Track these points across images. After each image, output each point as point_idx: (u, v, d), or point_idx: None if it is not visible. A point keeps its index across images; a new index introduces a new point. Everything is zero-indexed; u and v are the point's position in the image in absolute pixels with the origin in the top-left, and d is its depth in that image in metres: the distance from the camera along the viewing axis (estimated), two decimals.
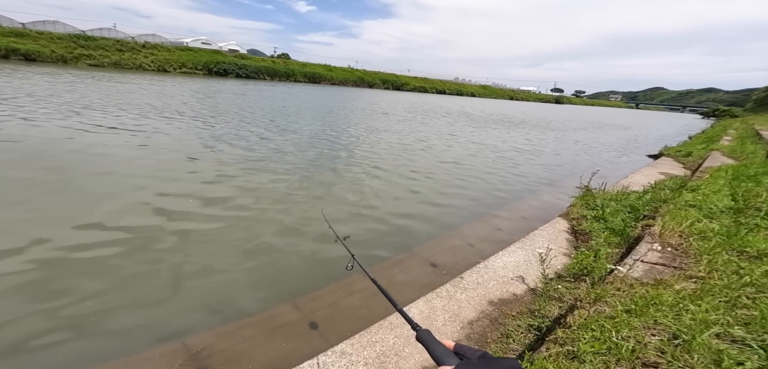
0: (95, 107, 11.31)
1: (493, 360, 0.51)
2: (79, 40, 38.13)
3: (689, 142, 14.94)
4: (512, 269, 3.08)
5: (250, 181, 5.83)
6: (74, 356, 2.28)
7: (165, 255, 3.45)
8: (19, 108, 9.80)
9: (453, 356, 0.57)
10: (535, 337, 2.15)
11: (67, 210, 4.17)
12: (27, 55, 31.99)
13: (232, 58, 48.60)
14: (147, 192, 4.92)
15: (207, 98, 18.17)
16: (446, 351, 0.58)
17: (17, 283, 2.84)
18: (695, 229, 2.90)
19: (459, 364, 0.54)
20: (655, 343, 1.52)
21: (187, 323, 2.63)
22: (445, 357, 0.57)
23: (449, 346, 0.59)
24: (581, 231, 3.94)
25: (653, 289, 1.98)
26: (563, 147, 13.95)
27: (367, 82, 62.03)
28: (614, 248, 3.37)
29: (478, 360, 0.53)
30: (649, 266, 2.40)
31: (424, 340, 0.63)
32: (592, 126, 26.19)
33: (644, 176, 7.04)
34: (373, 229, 4.56)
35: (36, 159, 5.82)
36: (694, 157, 9.54)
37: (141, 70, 37.38)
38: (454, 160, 9.26)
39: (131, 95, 15.51)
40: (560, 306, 2.40)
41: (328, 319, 2.78)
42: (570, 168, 9.77)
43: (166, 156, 6.82)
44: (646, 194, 5.02)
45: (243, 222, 4.33)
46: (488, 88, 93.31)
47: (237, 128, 10.55)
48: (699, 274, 2.15)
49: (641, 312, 1.73)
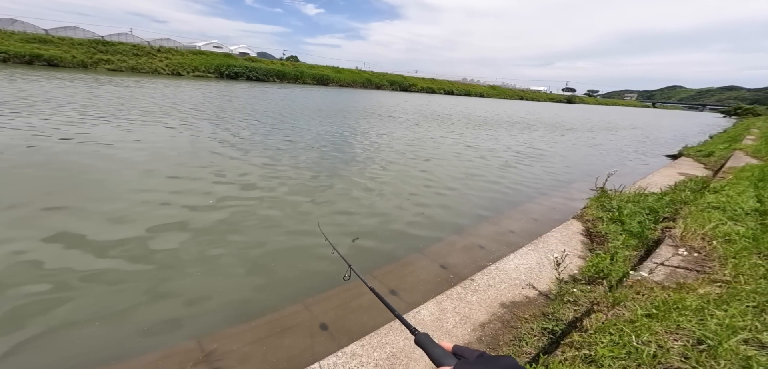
0: (135, 111, 11.70)
1: (491, 358, 0.52)
2: (98, 46, 39.54)
3: (710, 141, 14.40)
4: (524, 271, 3.02)
5: (263, 182, 5.91)
6: (88, 353, 2.32)
7: (176, 254, 3.52)
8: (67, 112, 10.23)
9: (451, 357, 0.57)
10: (549, 340, 2.10)
11: (75, 208, 4.31)
12: (50, 61, 33.32)
13: (243, 61, 49.50)
14: (162, 193, 5.04)
15: (229, 102, 18.52)
16: (445, 352, 0.59)
17: (25, 280, 2.95)
18: (719, 231, 2.78)
19: (457, 364, 0.54)
20: (678, 348, 1.46)
21: (201, 323, 2.66)
22: (444, 358, 0.57)
23: (447, 347, 0.60)
24: (597, 233, 3.83)
25: (675, 292, 1.90)
26: (575, 148, 13.64)
27: (374, 84, 62.13)
28: (632, 251, 3.26)
29: (476, 359, 0.54)
30: (670, 269, 2.31)
31: (422, 343, 0.64)
32: (604, 126, 25.53)
33: (663, 177, 6.81)
34: (382, 230, 4.55)
35: (53, 162, 6.05)
36: (716, 157, 9.18)
37: (156, 74, 38.44)
38: (463, 161, 9.17)
39: (165, 98, 15.98)
40: (575, 309, 2.33)
41: (338, 320, 2.77)
42: (583, 169, 9.54)
43: (183, 158, 6.98)
44: (665, 195, 4.85)
45: (255, 222, 4.38)
46: (497, 89, 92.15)
47: (255, 130, 10.72)
48: (724, 278, 2.05)
49: (663, 316, 1.66)
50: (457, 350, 0.58)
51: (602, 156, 12.20)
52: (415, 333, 0.69)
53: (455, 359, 0.56)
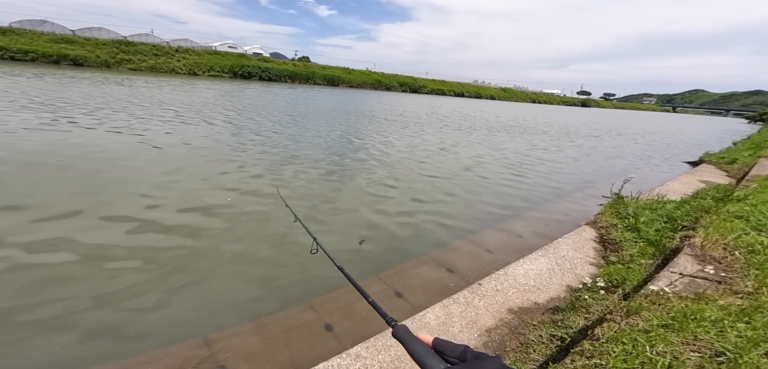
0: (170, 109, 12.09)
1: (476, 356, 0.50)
2: (120, 46, 41.06)
3: (733, 148, 13.78)
4: (534, 277, 2.95)
5: (269, 183, 5.99)
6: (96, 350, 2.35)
7: (185, 252, 3.59)
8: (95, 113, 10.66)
9: (433, 355, 0.54)
10: (557, 348, 2.04)
11: (81, 207, 4.46)
12: (75, 60, 34.78)
13: (256, 61, 50.43)
14: (174, 192, 5.18)
15: (249, 102, 18.92)
16: (426, 350, 0.55)
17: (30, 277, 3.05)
18: (742, 241, 2.66)
19: None
20: (694, 359, 1.40)
21: (207, 320, 2.69)
22: (426, 357, 0.53)
23: (427, 340, 0.57)
24: (611, 240, 3.72)
25: (694, 303, 1.83)
26: (588, 153, 13.30)
27: (384, 85, 62.22)
28: (648, 259, 3.15)
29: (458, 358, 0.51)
30: (688, 279, 2.22)
31: (400, 336, 0.59)
32: (614, 131, 24.79)
33: (682, 184, 6.56)
34: (389, 232, 4.53)
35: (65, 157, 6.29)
36: (740, 164, 8.78)
37: (174, 74, 39.59)
38: (473, 164, 9.08)
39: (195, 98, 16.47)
40: (587, 317, 2.27)
41: (344, 321, 2.77)
42: (596, 175, 9.28)
43: (198, 159, 7.16)
44: (685, 203, 4.67)
45: (263, 222, 4.45)
46: (509, 91, 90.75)
47: (268, 130, 10.91)
48: (746, 289, 1.95)
49: (680, 327, 1.59)
50: (437, 344, 0.55)
51: (617, 161, 11.84)
52: (392, 324, 0.63)
53: (437, 357, 0.53)
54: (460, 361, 0.52)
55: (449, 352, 0.54)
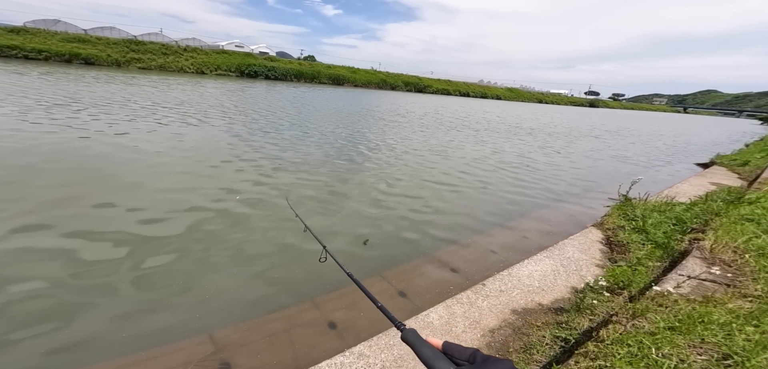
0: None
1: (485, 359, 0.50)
2: (130, 45, 41.66)
3: (746, 149, 13.48)
4: (538, 278, 2.93)
5: (274, 181, 6.04)
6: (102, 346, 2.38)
7: (190, 250, 3.62)
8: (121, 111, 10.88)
9: (443, 358, 0.54)
10: (561, 349, 2.03)
11: (81, 201, 4.55)
12: (87, 60, 35.39)
13: (262, 60, 50.79)
14: (178, 190, 5.25)
15: (247, 101, 19.10)
16: (435, 353, 0.55)
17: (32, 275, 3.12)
18: (753, 245, 2.61)
19: None
20: (701, 362, 1.38)
21: (211, 317, 2.71)
22: (435, 360, 0.54)
23: (437, 344, 0.57)
24: (617, 242, 3.67)
25: (702, 306, 1.80)
26: (595, 155, 13.13)
27: (389, 84, 62.13)
28: (656, 262, 3.11)
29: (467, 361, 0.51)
30: (696, 282, 2.18)
31: (409, 340, 0.59)
32: (624, 132, 24.40)
33: (692, 186, 6.44)
34: (393, 232, 4.54)
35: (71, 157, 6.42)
36: (752, 166, 8.59)
37: (182, 73, 40.06)
38: (477, 165, 9.03)
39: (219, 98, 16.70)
40: (591, 319, 2.25)
41: (347, 319, 2.78)
42: (603, 177, 9.16)
43: (201, 157, 7.25)
44: (694, 206, 4.58)
45: (268, 220, 4.49)
46: (515, 91, 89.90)
47: (269, 129, 11.00)
48: (755, 293, 1.92)
49: (687, 330, 1.57)
50: (448, 348, 0.56)
51: (624, 163, 11.67)
52: (401, 328, 0.63)
53: (447, 360, 0.53)
54: (469, 363, 0.52)
55: (459, 355, 0.54)
